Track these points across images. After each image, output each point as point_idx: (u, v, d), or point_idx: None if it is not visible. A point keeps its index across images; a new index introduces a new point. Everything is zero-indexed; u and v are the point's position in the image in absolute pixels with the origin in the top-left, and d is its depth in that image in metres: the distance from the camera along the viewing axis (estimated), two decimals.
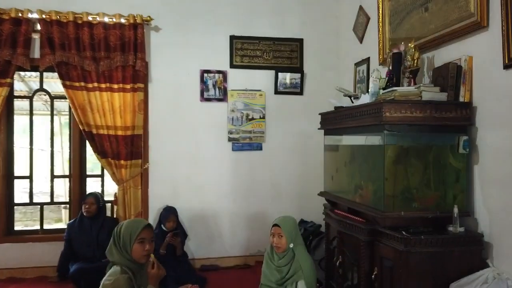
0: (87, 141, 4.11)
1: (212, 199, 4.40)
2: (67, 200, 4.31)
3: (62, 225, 5.31)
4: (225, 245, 4.42)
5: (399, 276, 2.29)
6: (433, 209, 2.40)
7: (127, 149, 4.11)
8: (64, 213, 6.50)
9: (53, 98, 4.34)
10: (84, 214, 3.84)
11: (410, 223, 2.37)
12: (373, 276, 2.47)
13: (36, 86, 4.59)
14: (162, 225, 4.01)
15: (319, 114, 3.37)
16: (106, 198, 4.15)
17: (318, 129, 3.40)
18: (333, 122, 3.07)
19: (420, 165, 2.46)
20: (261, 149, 4.48)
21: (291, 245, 2.80)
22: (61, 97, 4.36)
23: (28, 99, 4.31)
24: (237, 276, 4.07)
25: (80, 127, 4.02)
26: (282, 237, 2.80)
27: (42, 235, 4.17)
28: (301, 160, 4.56)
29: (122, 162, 4.10)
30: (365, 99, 2.87)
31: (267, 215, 4.50)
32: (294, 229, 2.85)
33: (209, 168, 4.40)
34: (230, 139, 4.41)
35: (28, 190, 4.23)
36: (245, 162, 4.46)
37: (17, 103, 4.42)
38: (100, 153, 4.06)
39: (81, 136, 4.21)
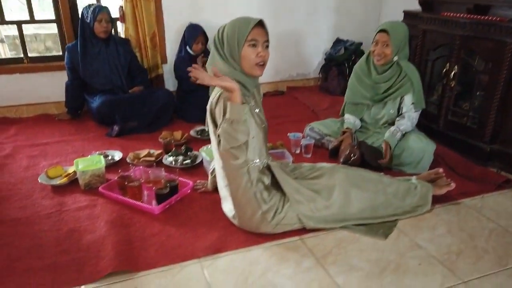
0: None
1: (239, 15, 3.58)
2: (53, 17, 3.22)
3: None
4: None
5: None
6: None
7: None
8: (3, 48, 5.07)
9: None
10: (101, 35, 2.91)
11: None
12: None
13: None
14: (188, 47, 3.23)
15: None
16: None
17: None
18: None
19: None
20: None
21: (396, 58, 2.31)
22: None
23: None
24: (276, 102, 3.61)
25: None
26: (388, 47, 2.28)
27: (31, 64, 3.20)
28: None
29: None
30: None
31: (299, 34, 3.87)
32: (404, 39, 2.31)
33: None
34: None
35: None
36: None
37: None
38: None
39: None
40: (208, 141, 2.67)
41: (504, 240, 1.69)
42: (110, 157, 2.37)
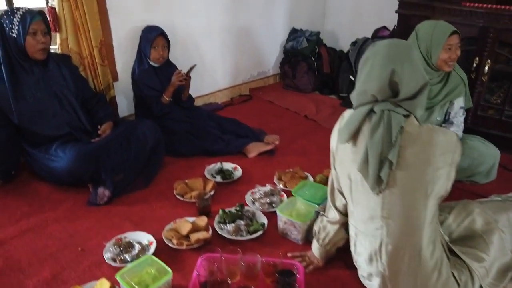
0: None
1: (197, 14, 2.89)
2: None
3: None
4: (216, 77, 3.20)
5: None
6: None
7: None
8: None
9: None
10: (37, 56, 1.92)
11: None
12: None
13: None
14: (148, 59, 2.45)
15: None
16: None
17: None
18: None
19: None
20: None
21: None
22: None
23: None
24: (256, 111, 3.08)
25: None
26: (459, 49, 1.99)
27: None
28: None
29: None
30: None
31: (255, 28, 3.36)
32: None
33: None
34: None
35: None
36: None
37: None
38: None
39: None
40: (234, 184, 2.05)
41: None
42: (138, 247, 1.58)
